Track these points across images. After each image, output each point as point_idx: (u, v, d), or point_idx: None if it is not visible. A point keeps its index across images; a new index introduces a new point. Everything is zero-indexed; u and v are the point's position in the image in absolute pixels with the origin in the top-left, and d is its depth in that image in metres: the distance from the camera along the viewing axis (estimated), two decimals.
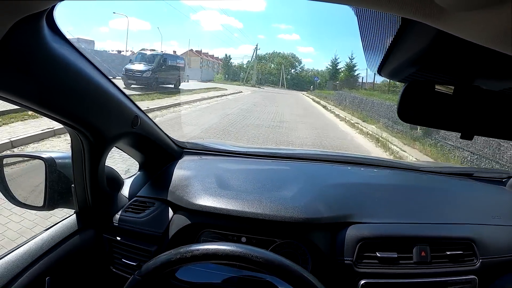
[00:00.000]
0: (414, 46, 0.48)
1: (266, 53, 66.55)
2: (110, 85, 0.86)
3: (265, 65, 62.36)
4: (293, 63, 63.89)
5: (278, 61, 61.54)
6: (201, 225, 1.02)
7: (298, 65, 65.71)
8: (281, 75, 56.98)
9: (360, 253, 0.96)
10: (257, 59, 58.19)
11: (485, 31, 0.31)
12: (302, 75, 62.47)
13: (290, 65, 63.07)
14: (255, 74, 54.13)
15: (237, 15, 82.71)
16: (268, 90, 39.96)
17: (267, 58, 64.51)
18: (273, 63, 63.23)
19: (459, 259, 0.97)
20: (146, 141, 1.16)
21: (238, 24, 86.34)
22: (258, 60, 60.79)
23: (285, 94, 32.57)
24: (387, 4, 0.32)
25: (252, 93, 26.22)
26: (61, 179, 1.00)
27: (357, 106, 14.22)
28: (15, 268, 0.81)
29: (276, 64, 62.57)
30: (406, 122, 0.59)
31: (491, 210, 1.16)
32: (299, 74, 62.90)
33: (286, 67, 60.21)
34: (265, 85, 53.73)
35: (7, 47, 0.53)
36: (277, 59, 62.53)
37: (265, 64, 62.52)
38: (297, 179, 1.24)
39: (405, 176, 1.45)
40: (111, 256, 1.04)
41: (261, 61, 62.54)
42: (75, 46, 0.72)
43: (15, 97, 0.63)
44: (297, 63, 65.52)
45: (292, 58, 64.68)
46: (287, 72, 61.61)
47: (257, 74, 56.69)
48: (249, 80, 53.45)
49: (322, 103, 20.36)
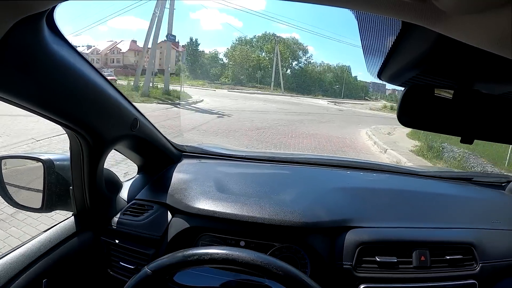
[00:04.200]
0: (414, 50, 0.48)
1: (254, 36, 44.74)
2: (109, 87, 0.86)
3: (250, 53, 41.17)
4: (295, 51, 42.96)
5: (271, 46, 39.66)
6: (200, 229, 1.01)
7: (302, 56, 43.80)
8: (273, 68, 36.28)
9: (359, 258, 0.95)
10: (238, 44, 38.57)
11: (485, 35, 0.31)
12: (309, 71, 42.40)
13: (291, 54, 42.47)
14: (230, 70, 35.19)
15: (237, 14, 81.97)
16: (246, 99, 21.27)
17: (254, 43, 42.94)
18: (264, 50, 41.92)
19: (459, 264, 0.97)
20: (145, 144, 1.16)
21: (238, 23, 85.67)
22: (239, 43, 41.15)
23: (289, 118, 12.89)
24: (388, 8, 0.32)
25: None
26: (59, 181, 1.00)
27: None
28: (12, 270, 0.81)
29: (267, 52, 41.10)
30: (406, 126, 0.59)
31: (490, 215, 1.16)
32: (304, 69, 42.48)
33: (284, 57, 40.13)
34: (249, 86, 35.63)
35: (7, 47, 0.53)
36: (269, 43, 40.64)
37: (251, 51, 41.55)
38: (296, 183, 1.24)
39: (404, 180, 1.45)
40: (109, 259, 1.04)
41: (246, 45, 42.09)
42: (75, 48, 0.72)
43: (14, 97, 0.63)
44: (302, 53, 43.63)
45: (294, 44, 43.18)
46: (286, 65, 41.76)
47: (232, 69, 38.09)
48: (227, 78, 37.01)
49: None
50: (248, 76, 39.30)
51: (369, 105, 32.21)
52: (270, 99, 24.87)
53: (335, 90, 39.79)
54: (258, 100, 21.74)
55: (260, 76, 38.99)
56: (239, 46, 41.81)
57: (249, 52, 41.17)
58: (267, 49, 41.20)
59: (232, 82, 36.77)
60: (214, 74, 39.07)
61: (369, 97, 45.97)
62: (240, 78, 38.81)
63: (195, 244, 1.01)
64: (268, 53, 40.87)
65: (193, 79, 34.91)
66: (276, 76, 36.79)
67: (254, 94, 28.56)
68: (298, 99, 29.83)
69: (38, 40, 0.60)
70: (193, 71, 38.75)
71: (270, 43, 40.90)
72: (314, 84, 40.53)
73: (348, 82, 43.66)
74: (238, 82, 37.62)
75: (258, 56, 41.49)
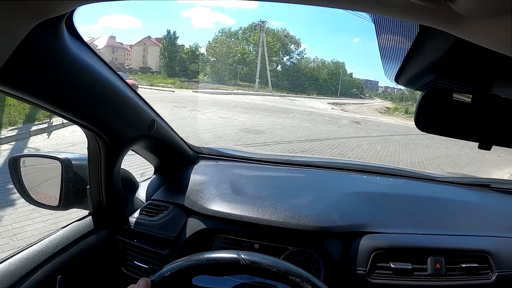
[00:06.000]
0: (432, 53, 0.48)
1: (239, 27, 39.76)
2: (127, 88, 0.88)
3: (234, 46, 35.82)
4: (286, 45, 37.99)
5: (257, 37, 32.39)
6: (215, 231, 1.02)
7: (295, 50, 38.97)
8: (258, 61, 30.23)
9: (373, 264, 0.94)
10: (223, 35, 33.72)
11: (504, 38, 0.30)
12: (302, 67, 38.32)
13: (282, 48, 37.59)
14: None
15: (229, 12, 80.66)
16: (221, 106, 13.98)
17: (240, 35, 37.28)
18: (251, 42, 35.54)
19: (475, 272, 0.94)
20: (162, 145, 1.17)
21: (230, 21, 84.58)
22: (223, 35, 35.54)
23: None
24: (405, 11, 0.32)
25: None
26: (76, 180, 1.02)
27: None
28: (28, 265, 0.83)
29: (254, 44, 34.51)
30: (423, 131, 0.59)
31: (508, 222, 1.13)
32: (296, 65, 38.43)
33: (274, 50, 35.32)
34: (230, 84, 30.06)
35: (28, 49, 0.55)
36: (255, 34, 33.65)
37: (235, 44, 36.22)
38: (312, 187, 1.23)
39: (421, 186, 1.42)
40: (123, 258, 1.05)
41: (230, 38, 36.67)
42: (94, 50, 0.73)
43: (34, 98, 0.65)
44: (294, 46, 38.71)
45: (285, 37, 38.05)
46: (277, 60, 37.11)
47: (211, 65, 32.44)
48: (206, 76, 31.85)
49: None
50: (231, 73, 33.67)
51: (375, 106, 29.17)
52: (249, 103, 17.08)
53: (330, 89, 36.45)
54: (225, 106, 14.14)
55: (244, 73, 33.11)
56: (223, 38, 36.53)
57: (232, 45, 35.97)
58: (254, 41, 34.73)
59: (211, 80, 32.45)
60: (193, 71, 33.40)
61: (363, 95, 44.34)
62: (222, 75, 33.54)
63: (209, 246, 1.02)
64: (254, 46, 34.35)
65: (168, 76, 30.54)
66: (262, 72, 30.71)
67: (229, 96, 21.62)
68: (289, 100, 23.44)
69: (58, 42, 0.62)
70: (172, 67, 33.77)
71: (255, 31, 34.42)
72: (307, 82, 35.93)
73: (344, 80, 40.52)
74: (218, 80, 32.62)
75: (243, 49, 35.84)
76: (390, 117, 21.62)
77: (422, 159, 7.99)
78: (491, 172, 7.22)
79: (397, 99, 41.50)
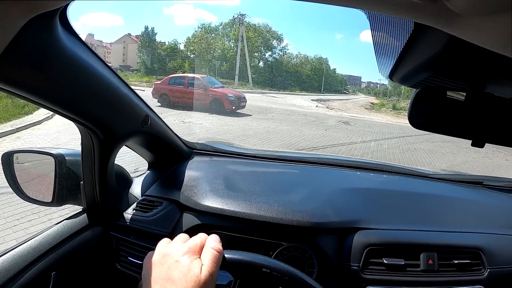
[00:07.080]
0: (426, 51, 0.48)
1: (220, 23, 37.25)
2: (121, 84, 0.87)
3: (214, 42, 34.58)
4: (268, 40, 36.62)
5: (237, 32, 31.62)
6: (209, 226, 1.02)
7: (277, 45, 37.45)
8: (237, 56, 28.78)
9: (367, 259, 0.95)
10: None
11: (498, 37, 0.30)
12: (284, 63, 37.07)
13: (264, 43, 36.36)
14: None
15: (211, 8, 78.66)
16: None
17: (220, 31, 35.93)
18: (231, 38, 34.16)
19: (467, 268, 0.96)
20: (156, 141, 1.17)
21: (213, 18, 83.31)
22: (203, 31, 34.50)
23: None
24: (399, 9, 0.32)
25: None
26: (70, 176, 1.01)
27: None
28: (22, 262, 0.82)
29: (234, 39, 33.02)
30: (417, 128, 0.59)
31: (500, 219, 1.14)
32: (279, 60, 36.90)
33: (255, 45, 34.42)
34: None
35: (21, 44, 0.54)
36: (235, 29, 32.67)
37: (215, 40, 35.00)
38: (306, 183, 1.24)
39: (414, 182, 1.43)
40: (118, 254, 1.05)
41: (211, 33, 35.16)
42: (87, 45, 0.73)
43: (27, 93, 0.64)
44: (277, 42, 37.31)
45: (267, 32, 36.78)
46: (258, 56, 35.87)
47: (189, 61, 31.42)
48: (185, 72, 25.72)
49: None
50: (210, 70, 31.52)
51: (360, 101, 28.13)
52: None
53: (313, 84, 36.16)
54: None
55: (224, 69, 31.97)
56: (202, 34, 35.14)
57: (212, 41, 34.53)
58: (234, 36, 33.09)
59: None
60: (171, 68, 31.56)
61: (347, 90, 43.90)
62: (201, 72, 30.16)
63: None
64: (235, 42, 32.62)
65: (146, 74, 29.12)
66: (243, 68, 29.01)
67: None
68: (270, 98, 21.32)
69: (52, 37, 0.61)
70: (150, 65, 32.77)
71: (236, 26, 32.87)
72: (290, 78, 35.36)
73: (327, 76, 39.75)
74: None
75: (223, 44, 34.62)
76: (379, 114, 20.41)
77: (431, 167, 6.47)
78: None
79: (381, 94, 41.00)
